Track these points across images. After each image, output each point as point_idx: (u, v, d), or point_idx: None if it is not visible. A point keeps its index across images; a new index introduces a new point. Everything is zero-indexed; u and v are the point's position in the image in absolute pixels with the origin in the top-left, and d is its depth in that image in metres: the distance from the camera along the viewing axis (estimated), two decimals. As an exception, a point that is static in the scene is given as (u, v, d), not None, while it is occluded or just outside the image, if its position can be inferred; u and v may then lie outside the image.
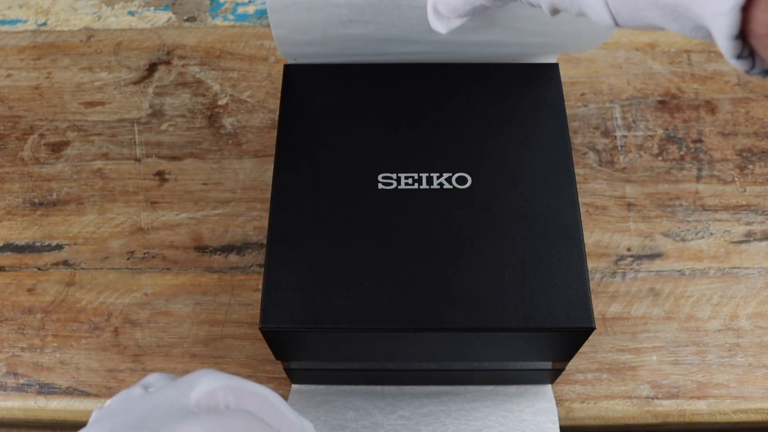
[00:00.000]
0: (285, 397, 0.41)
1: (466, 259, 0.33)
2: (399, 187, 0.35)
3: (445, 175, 0.36)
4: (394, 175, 0.36)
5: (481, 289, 0.33)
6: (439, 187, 0.35)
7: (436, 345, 0.35)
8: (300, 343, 0.34)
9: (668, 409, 0.41)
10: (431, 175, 0.36)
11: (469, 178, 0.36)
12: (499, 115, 0.38)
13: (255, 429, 0.26)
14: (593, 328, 0.32)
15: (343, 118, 0.38)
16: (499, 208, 0.35)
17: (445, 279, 0.33)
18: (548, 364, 0.38)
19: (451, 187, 0.35)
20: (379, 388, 0.41)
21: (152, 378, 0.29)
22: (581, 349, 0.42)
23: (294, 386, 0.41)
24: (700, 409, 0.41)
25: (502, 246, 0.34)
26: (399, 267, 0.33)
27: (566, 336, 0.33)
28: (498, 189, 0.35)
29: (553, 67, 0.39)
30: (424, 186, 0.36)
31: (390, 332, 0.32)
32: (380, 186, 0.35)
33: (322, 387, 0.41)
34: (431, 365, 0.39)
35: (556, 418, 0.40)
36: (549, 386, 0.41)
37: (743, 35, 0.23)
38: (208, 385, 0.27)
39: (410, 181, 0.36)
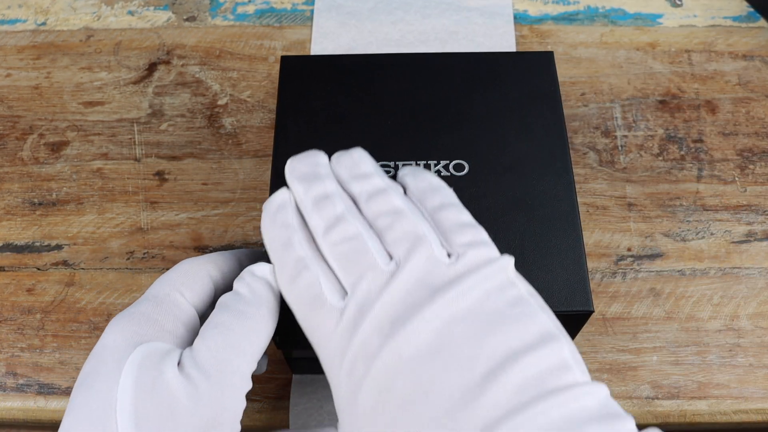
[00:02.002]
0: (287, 386, 0.41)
1: None
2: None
3: (443, 163, 0.36)
4: (392, 163, 0.36)
5: None
6: (436, 174, 0.36)
7: None
8: (301, 332, 0.34)
9: (669, 409, 0.41)
10: (429, 162, 0.36)
11: (467, 165, 0.36)
12: (495, 102, 0.38)
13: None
14: (592, 311, 0.33)
15: (340, 108, 0.38)
16: (497, 194, 0.35)
17: None
18: None
19: (449, 174, 0.36)
20: None
21: None
22: (581, 349, 0.42)
23: (295, 376, 0.42)
24: (700, 409, 0.41)
25: (499, 232, 0.34)
26: None
27: (565, 320, 0.33)
28: (495, 176, 0.36)
29: (548, 55, 0.40)
30: None
31: None
32: None
33: (323, 377, 0.41)
34: None
35: None
36: None
37: None
38: None
39: None
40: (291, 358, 0.39)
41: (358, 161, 0.32)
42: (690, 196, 0.47)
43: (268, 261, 0.33)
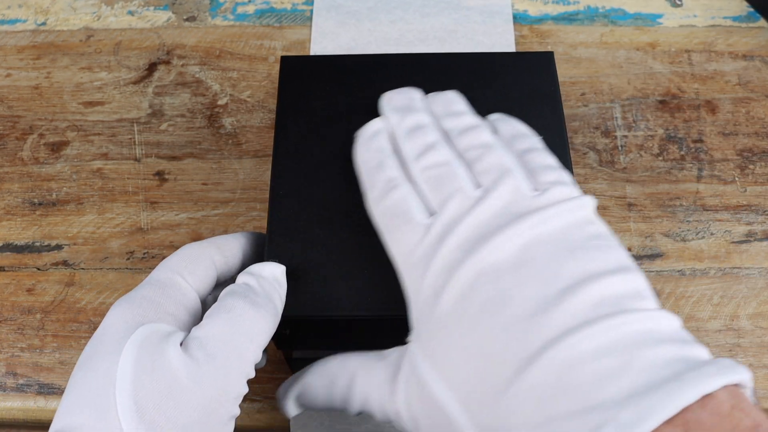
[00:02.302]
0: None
1: None
2: None
3: None
4: None
5: None
6: None
7: None
8: (301, 332, 0.34)
9: (669, 409, 0.41)
10: None
11: None
12: (495, 102, 0.38)
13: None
14: None
15: (340, 108, 0.38)
16: None
17: None
18: None
19: None
20: None
21: None
22: (581, 350, 0.42)
23: None
24: (700, 409, 0.41)
25: None
26: None
27: None
28: None
29: (548, 55, 0.40)
30: None
31: (390, 319, 0.32)
32: None
33: None
34: None
35: None
36: None
37: None
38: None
39: None
40: (291, 358, 0.39)
41: (452, 100, 0.34)
42: (690, 196, 0.47)
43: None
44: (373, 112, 0.38)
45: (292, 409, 0.33)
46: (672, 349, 0.23)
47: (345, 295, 0.33)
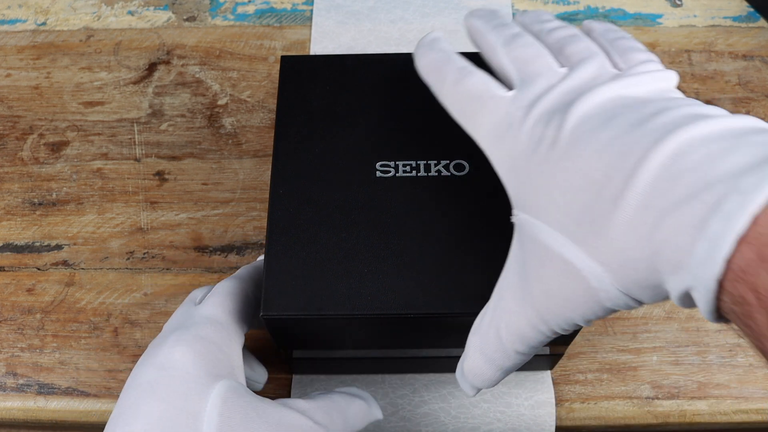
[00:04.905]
0: (287, 386, 0.41)
1: (464, 245, 0.34)
2: (397, 174, 0.36)
3: (443, 162, 0.36)
4: (392, 163, 0.36)
5: (479, 273, 0.33)
6: (437, 174, 0.36)
7: (435, 331, 0.35)
8: (301, 331, 0.35)
9: (669, 409, 0.41)
10: (429, 162, 0.36)
11: (467, 165, 0.36)
12: None
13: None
14: None
15: (340, 108, 0.38)
16: (497, 194, 0.35)
17: (444, 265, 0.33)
18: (546, 350, 0.38)
19: (449, 174, 0.36)
20: (379, 377, 0.41)
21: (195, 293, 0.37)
22: (581, 349, 0.42)
23: (295, 376, 0.41)
24: (700, 409, 0.41)
25: (499, 231, 0.34)
26: (398, 253, 0.33)
27: None
28: (495, 176, 0.36)
29: None
30: (422, 173, 0.36)
31: (390, 318, 0.33)
32: (378, 174, 0.36)
33: (323, 377, 0.41)
34: (431, 352, 0.39)
35: (554, 411, 0.40)
36: (548, 373, 0.41)
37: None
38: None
39: (408, 168, 0.36)
40: (291, 358, 0.39)
41: (540, 14, 0.34)
42: (690, 196, 0.47)
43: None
44: (373, 113, 0.38)
45: (468, 389, 0.32)
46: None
47: (345, 295, 0.33)
